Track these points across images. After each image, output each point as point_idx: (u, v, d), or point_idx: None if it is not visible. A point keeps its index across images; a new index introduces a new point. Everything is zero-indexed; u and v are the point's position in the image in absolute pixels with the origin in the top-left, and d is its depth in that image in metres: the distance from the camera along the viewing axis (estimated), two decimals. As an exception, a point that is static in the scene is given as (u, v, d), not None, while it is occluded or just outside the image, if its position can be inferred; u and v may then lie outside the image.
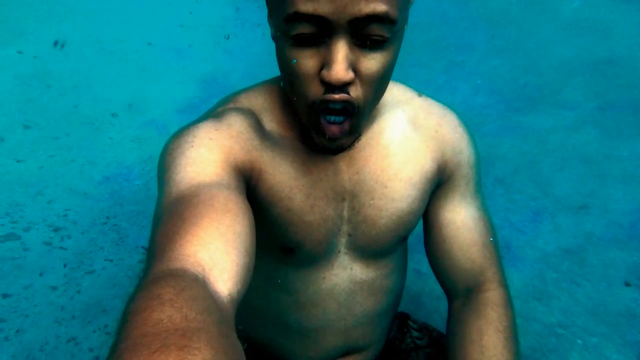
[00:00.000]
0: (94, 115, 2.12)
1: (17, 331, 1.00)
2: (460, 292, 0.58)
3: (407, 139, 0.53)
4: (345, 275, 0.56)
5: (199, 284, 0.30)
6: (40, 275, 1.17)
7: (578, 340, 1.06)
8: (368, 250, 0.55)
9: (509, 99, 2.36)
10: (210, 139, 0.43)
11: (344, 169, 0.51)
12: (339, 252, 0.54)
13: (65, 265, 1.22)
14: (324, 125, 0.43)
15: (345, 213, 0.52)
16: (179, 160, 0.41)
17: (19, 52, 2.16)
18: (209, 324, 0.26)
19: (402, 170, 0.52)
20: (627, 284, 1.16)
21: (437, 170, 0.54)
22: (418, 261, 0.62)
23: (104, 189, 1.62)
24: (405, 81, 0.59)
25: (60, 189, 1.58)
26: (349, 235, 0.53)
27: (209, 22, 2.95)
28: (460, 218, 0.55)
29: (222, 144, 0.44)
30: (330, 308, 0.56)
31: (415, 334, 0.71)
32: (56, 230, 1.36)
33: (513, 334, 0.52)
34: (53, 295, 1.12)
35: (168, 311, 0.25)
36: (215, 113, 0.49)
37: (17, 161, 1.68)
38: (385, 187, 0.52)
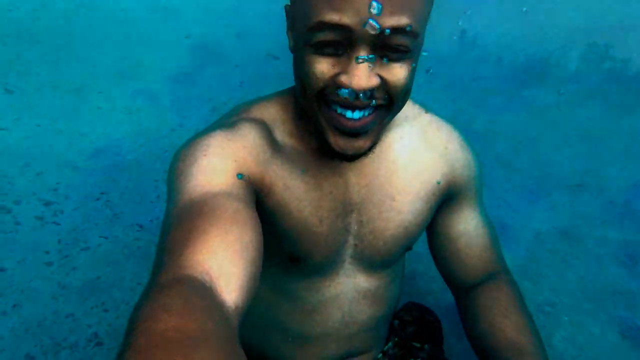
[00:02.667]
0: (79, 81, 2.02)
1: (14, 306, 1.01)
2: (468, 288, 0.62)
3: (416, 153, 0.54)
4: (350, 284, 0.57)
5: (205, 294, 0.31)
6: (34, 250, 1.16)
7: (564, 317, 1.10)
8: (373, 260, 0.56)
9: (514, 71, 2.29)
10: (223, 148, 0.44)
11: (354, 181, 0.52)
12: (344, 261, 0.56)
13: (59, 241, 1.21)
14: (336, 116, 0.42)
15: (353, 225, 0.53)
16: (191, 169, 0.42)
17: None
18: (213, 334, 0.26)
19: (410, 184, 0.53)
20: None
21: (447, 186, 0.56)
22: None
23: (95, 163, 1.58)
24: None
25: (49, 161, 1.53)
26: (355, 245, 0.55)
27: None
28: (471, 228, 0.59)
29: (235, 154, 0.44)
30: (333, 316, 0.58)
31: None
32: (47, 204, 1.33)
33: (527, 311, 0.57)
34: (48, 271, 1.11)
35: (173, 320, 0.26)
36: (227, 122, 0.49)
37: (1, 129, 1.62)
38: (394, 199, 0.53)
